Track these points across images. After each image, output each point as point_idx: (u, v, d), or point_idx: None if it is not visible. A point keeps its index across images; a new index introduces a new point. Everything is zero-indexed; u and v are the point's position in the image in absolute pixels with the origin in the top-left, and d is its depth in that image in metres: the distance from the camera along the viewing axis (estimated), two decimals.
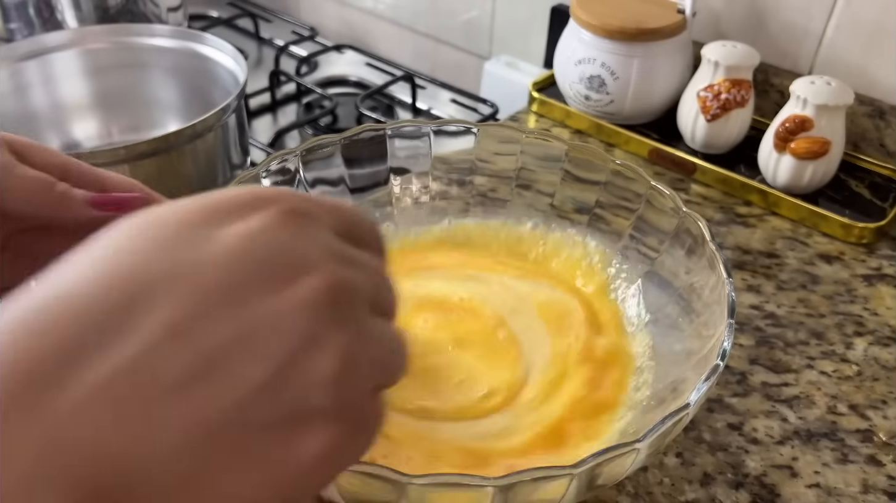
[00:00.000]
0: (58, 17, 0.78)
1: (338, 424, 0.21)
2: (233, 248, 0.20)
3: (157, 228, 0.20)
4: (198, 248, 0.20)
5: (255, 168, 0.49)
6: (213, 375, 0.19)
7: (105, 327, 0.18)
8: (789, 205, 0.64)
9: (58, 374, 0.17)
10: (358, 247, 0.24)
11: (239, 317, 0.19)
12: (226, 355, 0.19)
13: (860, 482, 0.44)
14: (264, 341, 0.19)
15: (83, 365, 0.18)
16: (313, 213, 0.22)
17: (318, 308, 0.20)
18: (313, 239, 0.21)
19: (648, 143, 0.70)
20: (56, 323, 0.18)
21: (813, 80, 0.62)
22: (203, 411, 0.18)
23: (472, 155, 0.54)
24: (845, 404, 0.49)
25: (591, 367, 0.44)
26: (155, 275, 0.19)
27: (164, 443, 0.18)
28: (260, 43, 1.03)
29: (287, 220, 0.21)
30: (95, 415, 0.17)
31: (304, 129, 0.84)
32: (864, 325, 0.54)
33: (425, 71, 0.95)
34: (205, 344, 0.19)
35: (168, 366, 0.18)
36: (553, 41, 0.77)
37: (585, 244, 0.52)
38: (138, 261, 0.19)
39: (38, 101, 0.68)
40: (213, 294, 0.19)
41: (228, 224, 0.21)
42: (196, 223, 0.20)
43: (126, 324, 0.18)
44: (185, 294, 0.19)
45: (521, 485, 0.31)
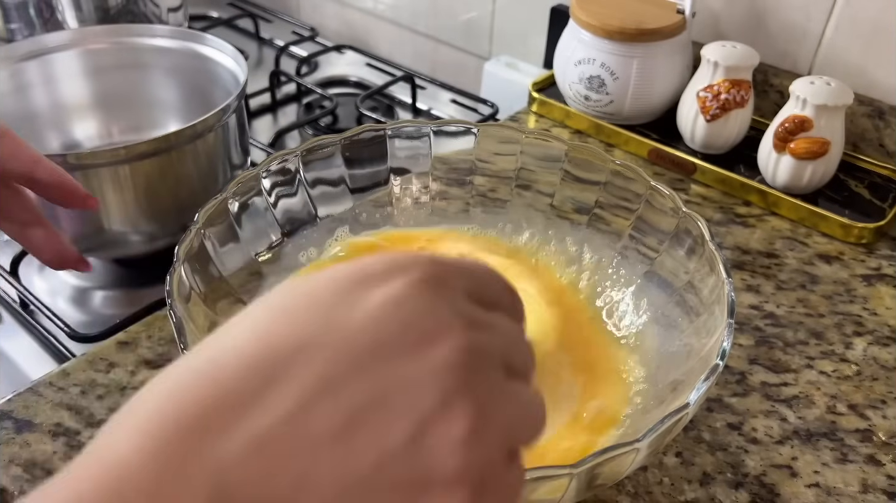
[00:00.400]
0: (58, 18, 0.78)
1: (467, 487, 0.21)
2: (376, 313, 0.21)
3: (311, 293, 0.22)
4: (346, 312, 0.21)
5: (256, 168, 0.49)
6: (356, 432, 0.20)
7: (265, 381, 0.20)
8: (789, 205, 0.64)
9: (222, 423, 0.19)
10: (492, 309, 0.24)
11: (381, 378, 0.21)
12: (368, 414, 0.20)
13: (859, 482, 0.44)
14: (403, 402, 0.21)
15: (245, 415, 0.19)
16: (448, 278, 0.23)
17: (453, 371, 0.21)
18: (448, 304, 0.23)
19: (648, 144, 0.70)
20: (221, 375, 0.20)
21: (812, 81, 0.62)
22: (345, 466, 0.20)
23: (472, 155, 0.54)
24: (845, 404, 0.49)
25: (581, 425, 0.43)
26: (309, 336, 0.21)
27: (313, 494, 0.19)
28: (260, 43, 1.03)
29: (424, 286, 0.22)
30: (257, 463, 0.19)
31: (304, 129, 0.84)
32: (863, 325, 0.54)
33: (425, 71, 0.95)
34: (350, 402, 0.20)
35: (318, 420, 0.20)
36: (553, 41, 0.77)
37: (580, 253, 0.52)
38: (295, 322, 0.21)
39: (39, 101, 0.68)
40: (359, 355, 0.21)
41: (373, 289, 0.22)
42: (344, 289, 0.22)
43: (283, 379, 0.20)
44: (334, 353, 0.21)
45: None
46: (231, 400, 0.20)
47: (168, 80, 0.71)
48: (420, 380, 0.21)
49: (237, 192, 0.48)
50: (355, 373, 0.20)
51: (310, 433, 0.20)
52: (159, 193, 0.58)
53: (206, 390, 0.20)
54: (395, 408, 0.20)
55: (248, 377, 0.20)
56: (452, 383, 0.21)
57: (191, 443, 0.19)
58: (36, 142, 0.68)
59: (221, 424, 0.19)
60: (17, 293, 0.62)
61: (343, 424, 0.20)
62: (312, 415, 0.20)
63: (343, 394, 0.20)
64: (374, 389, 0.20)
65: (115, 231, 0.58)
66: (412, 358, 0.21)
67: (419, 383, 0.21)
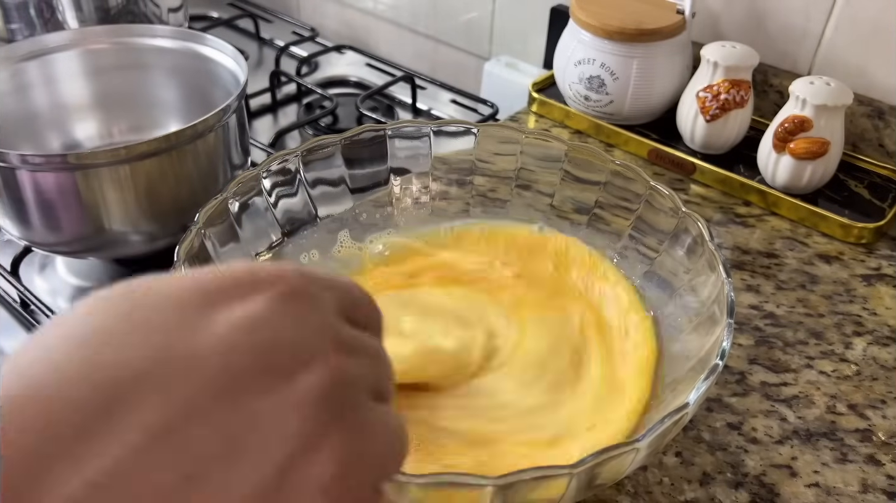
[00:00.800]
0: (59, 18, 0.78)
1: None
2: (229, 337, 0.18)
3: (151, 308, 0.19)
4: (193, 335, 0.18)
5: (256, 168, 0.49)
6: (204, 481, 0.17)
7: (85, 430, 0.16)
8: (788, 205, 0.64)
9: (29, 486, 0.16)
10: (357, 325, 0.22)
11: (234, 418, 0.18)
12: (219, 460, 0.17)
13: (859, 481, 0.44)
14: (260, 444, 0.18)
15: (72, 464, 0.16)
16: (314, 294, 0.21)
17: (317, 406, 0.19)
18: (313, 326, 0.20)
19: (648, 144, 0.70)
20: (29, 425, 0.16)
21: (812, 81, 0.62)
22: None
23: (471, 155, 0.54)
24: (844, 404, 0.49)
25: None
26: (147, 367, 0.17)
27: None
28: (260, 43, 1.03)
29: (287, 303, 0.20)
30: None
31: (304, 129, 0.84)
32: (863, 325, 0.54)
33: (425, 71, 0.95)
34: (197, 448, 0.17)
35: (156, 473, 0.17)
36: (553, 42, 0.77)
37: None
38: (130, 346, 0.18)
39: (39, 101, 0.68)
40: (207, 391, 0.18)
41: (226, 307, 0.19)
42: (191, 306, 0.19)
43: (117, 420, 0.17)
44: (176, 390, 0.17)
45: (520, 484, 0.31)
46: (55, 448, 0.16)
47: (168, 81, 0.71)
48: (279, 419, 0.18)
49: (237, 192, 0.48)
50: (202, 414, 0.17)
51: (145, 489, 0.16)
52: (160, 193, 0.58)
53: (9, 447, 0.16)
54: (251, 452, 0.18)
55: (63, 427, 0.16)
56: (317, 420, 0.19)
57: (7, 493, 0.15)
58: (36, 142, 0.69)
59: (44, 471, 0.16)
60: (17, 293, 0.62)
61: (187, 473, 0.17)
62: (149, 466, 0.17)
63: (186, 440, 0.17)
64: (225, 431, 0.17)
65: (115, 231, 0.58)
66: (271, 393, 0.18)
67: (278, 423, 0.18)
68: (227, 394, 0.18)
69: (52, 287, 0.64)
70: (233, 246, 0.48)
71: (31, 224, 0.58)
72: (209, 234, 0.46)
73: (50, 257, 0.67)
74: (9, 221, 0.59)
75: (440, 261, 0.52)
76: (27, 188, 0.55)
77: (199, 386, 0.18)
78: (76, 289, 0.64)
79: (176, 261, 0.42)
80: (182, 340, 0.18)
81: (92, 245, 0.60)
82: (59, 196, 0.56)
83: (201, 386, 0.18)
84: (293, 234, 0.52)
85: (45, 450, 0.16)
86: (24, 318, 0.61)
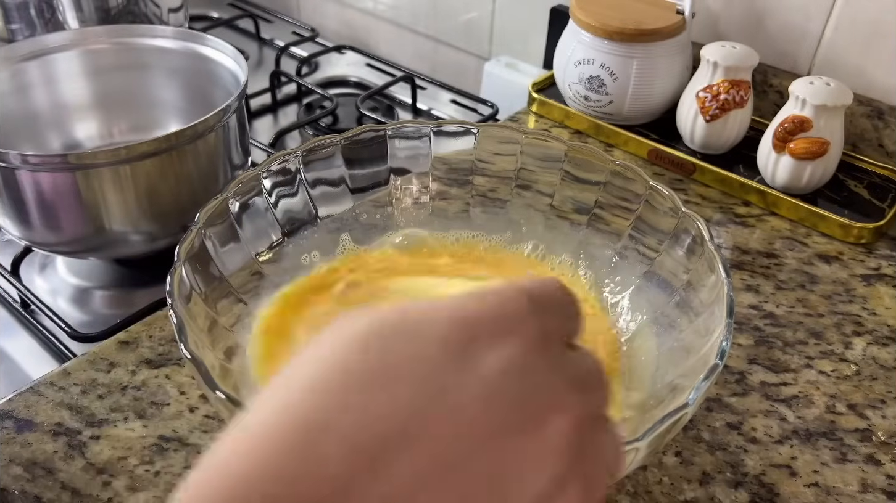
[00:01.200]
0: (59, 18, 0.78)
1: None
2: (491, 383, 0.20)
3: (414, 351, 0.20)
4: (457, 379, 0.20)
5: (256, 168, 0.49)
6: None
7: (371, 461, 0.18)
8: (788, 205, 0.64)
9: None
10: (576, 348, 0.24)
11: (498, 457, 0.19)
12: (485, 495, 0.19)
13: (859, 481, 0.44)
14: (518, 483, 0.19)
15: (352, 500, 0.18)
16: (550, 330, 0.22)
17: (567, 450, 0.21)
18: (558, 371, 0.22)
19: (648, 144, 0.70)
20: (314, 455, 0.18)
21: (812, 81, 0.62)
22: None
23: (471, 155, 0.54)
24: (844, 404, 0.49)
25: None
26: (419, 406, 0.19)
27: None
28: (261, 44, 1.03)
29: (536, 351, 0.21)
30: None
31: (304, 129, 0.84)
32: (862, 325, 0.54)
33: (425, 72, 0.95)
34: (466, 481, 0.19)
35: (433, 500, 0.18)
36: (553, 42, 0.78)
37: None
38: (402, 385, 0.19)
39: (40, 101, 0.68)
40: (476, 432, 0.19)
41: (484, 353, 0.20)
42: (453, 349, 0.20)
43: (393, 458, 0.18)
44: (450, 430, 0.19)
45: None
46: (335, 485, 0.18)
47: (169, 81, 0.71)
48: (536, 459, 0.20)
49: (238, 192, 0.48)
50: (471, 452, 0.19)
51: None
52: (160, 193, 0.58)
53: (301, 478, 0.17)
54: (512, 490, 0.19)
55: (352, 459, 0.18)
56: (567, 461, 0.20)
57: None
58: (37, 142, 0.69)
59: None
60: (17, 293, 0.62)
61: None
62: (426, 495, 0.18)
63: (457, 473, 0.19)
64: (490, 470, 0.19)
65: (115, 231, 0.58)
66: (528, 436, 0.20)
67: (535, 462, 0.20)
68: (493, 436, 0.19)
69: (52, 287, 0.65)
70: (233, 246, 0.48)
71: (32, 224, 0.58)
72: (209, 233, 0.46)
73: (50, 257, 0.67)
74: (9, 221, 0.59)
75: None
76: (27, 188, 0.55)
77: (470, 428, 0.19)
78: (76, 290, 0.65)
79: (176, 261, 0.42)
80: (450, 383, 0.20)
81: (92, 245, 0.60)
82: (60, 196, 0.56)
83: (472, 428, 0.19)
84: (293, 233, 0.52)
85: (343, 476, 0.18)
86: (24, 318, 0.62)
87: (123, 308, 0.62)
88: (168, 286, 0.40)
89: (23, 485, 0.42)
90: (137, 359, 0.50)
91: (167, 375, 0.49)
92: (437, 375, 0.20)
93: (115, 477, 0.43)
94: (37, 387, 0.48)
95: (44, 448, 0.44)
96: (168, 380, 0.48)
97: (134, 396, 0.47)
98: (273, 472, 0.17)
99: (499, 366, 0.20)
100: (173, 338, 0.51)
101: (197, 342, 0.39)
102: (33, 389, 0.48)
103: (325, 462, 0.18)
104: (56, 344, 0.58)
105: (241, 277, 0.48)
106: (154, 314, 0.53)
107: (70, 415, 0.46)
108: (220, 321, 0.45)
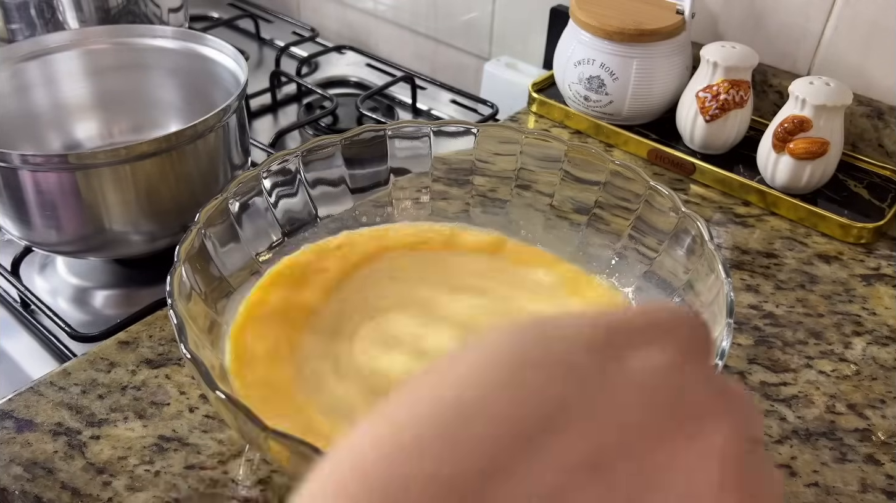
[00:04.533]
0: (59, 18, 0.78)
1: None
2: (643, 384, 0.19)
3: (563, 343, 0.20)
4: (607, 377, 0.19)
5: (256, 168, 0.49)
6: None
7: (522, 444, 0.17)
8: (788, 205, 0.64)
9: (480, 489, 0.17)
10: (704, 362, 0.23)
11: (653, 459, 0.18)
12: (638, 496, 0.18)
13: (858, 481, 0.44)
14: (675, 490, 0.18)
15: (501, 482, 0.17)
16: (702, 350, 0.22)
17: (730, 460, 0.20)
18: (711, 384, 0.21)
19: (647, 144, 0.70)
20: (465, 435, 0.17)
21: (811, 81, 0.62)
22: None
23: (471, 155, 0.54)
24: (844, 404, 0.49)
25: None
26: (570, 396, 0.18)
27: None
28: (261, 44, 1.03)
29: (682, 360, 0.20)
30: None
31: (304, 129, 0.84)
32: (862, 325, 0.54)
33: (425, 72, 0.95)
34: (619, 481, 0.18)
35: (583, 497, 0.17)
36: (552, 42, 0.78)
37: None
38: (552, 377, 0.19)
39: (40, 101, 0.68)
40: (629, 431, 0.18)
41: (631, 354, 0.20)
42: (601, 347, 0.20)
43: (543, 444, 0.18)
44: (602, 422, 0.18)
45: None
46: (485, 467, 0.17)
47: (169, 81, 0.71)
48: (693, 467, 0.19)
49: (238, 192, 0.48)
50: (625, 451, 0.18)
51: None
52: (160, 193, 0.58)
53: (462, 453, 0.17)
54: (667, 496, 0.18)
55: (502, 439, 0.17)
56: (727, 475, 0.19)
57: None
58: (37, 142, 0.69)
59: (478, 493, 0.17)
60: (17, 293, 0.62)
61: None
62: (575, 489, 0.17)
63: (610, 472, 0.18)
64: (645, 471, 0.18)
65: (115, 231, 0.58)
66: (684, 441, 0.19)
67: (692, 471, 0.19)
68: (646, 436, 0.19)
69: (52, 287, 0.65)
70: (233, 246, 0.48)
71: (32, 224, 0.58)
72: (209, 233, 0.46)
73: (50, 257, 0.67)
74: (9, 221, 0.59)
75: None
76: (28, 188, 0.55)
77: (622, 424, 0.18)
78: (76, 289, 0.65)
79: (176, 261, 0.42)
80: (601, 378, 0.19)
81: (92, 245, 0.60)
82: (60, 196, 0.56)
83: (624, 425, 0.18)
84: (293, 233, 0.52)
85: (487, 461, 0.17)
86: (24, 318, 0.62)
87: (123, 308, 0.62)
88: (168, 286, 0.40)
89: (23, 485, 0.42)
90: (137, 359, 0.50)
91: (167, 375, 0.49)
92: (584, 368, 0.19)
93: (115, 477, 0.43)
94: (37, 387, 0.48)
95: (44, 448, 0.44)
96: (168, 380, 0.48)
97: (134, 396, 0.47)
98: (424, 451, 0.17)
99: (651, 369, 0.19)
100: (173, 338, 0.51)
101: (197, 342, 0.39)
102: (33, 389, 0.48)
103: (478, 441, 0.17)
104: (56, 344, 0.58)
105: (242, 277, 0.48)
106: (154, 314, 0.53)
107: (70, 415, 0.46)
108: (220, 321, 0.45)
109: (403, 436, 0.17)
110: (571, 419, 0.18)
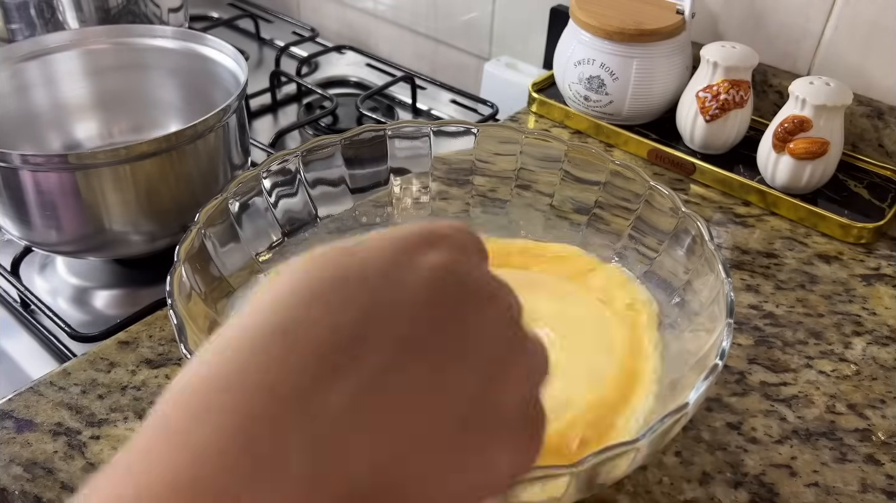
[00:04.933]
0: (59, 18, 0.78)
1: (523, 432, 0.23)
2: (433, 276, 0.22)
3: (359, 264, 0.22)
4: (404, 275, 0.22)
5: (256, 168, 0.49)
6: (443, 383, 0.21)
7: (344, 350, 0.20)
8: (788, 205, 0.64)
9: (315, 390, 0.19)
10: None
11: (459, 330, 0.22)
12: (452, 365, 0.21)
13: (858, 481, 0.44)
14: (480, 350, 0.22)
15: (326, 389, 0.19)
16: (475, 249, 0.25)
17: (512, 325, 0.24)
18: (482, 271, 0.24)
19: (647, 144, 0.70)
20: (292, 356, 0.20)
21: (811, 81, 0.62)
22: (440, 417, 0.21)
23: (471, 155, 0.54)
24: (844, 404, 0.49)
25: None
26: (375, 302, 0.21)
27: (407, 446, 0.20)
28: (261, 44, 1.03)
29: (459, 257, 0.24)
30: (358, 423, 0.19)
31: (304, 129, 0.84)
32: (862, 325, 0.54)
33: (425, 72, 0.95)
34: (433, 356, 0.21)
35: (407, 378, 0.20)
36: (552, 42, 0.78)
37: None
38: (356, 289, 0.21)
39: (40, 101, 0.68)
40: (433, 312, 0.22)
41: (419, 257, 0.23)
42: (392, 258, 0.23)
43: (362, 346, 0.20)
44: (409, 314, 0.21)
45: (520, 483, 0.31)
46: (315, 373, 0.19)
47: (169, 81, 0.71)
48: (487, 333, 0.22)
49: (238, 192, 0.48)
50: (434, 329, 0.21)
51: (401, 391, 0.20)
52: (160, 193, 0.58)
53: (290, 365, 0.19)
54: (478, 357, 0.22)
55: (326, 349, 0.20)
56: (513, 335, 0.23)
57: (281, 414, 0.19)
58: (37, 142, 0.69)
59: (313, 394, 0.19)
60: (17, 293, 0.62)
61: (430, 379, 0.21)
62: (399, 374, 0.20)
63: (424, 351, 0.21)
64: (454, 341, 0.22)
65: (115, 231, 0.58)
66: (480, 312, 0.23)
67: (488, 336, 0.22)
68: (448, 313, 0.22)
69: (52, 287, 0.65)
70: (233, 246, 0.48)
71: (32, 224, 0.58)
72: (209, 233, 0.46)
73: (50, 257, 0.67)
74: (9, 221, 0.59)
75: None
76: (28, 188, 0.55)
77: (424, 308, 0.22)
78: (76, 289, 0.65)
79: (176, 261, 0.42)
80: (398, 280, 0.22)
81: (92, 245, 0.60)
82: (60, 196, 0.56)
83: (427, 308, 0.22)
84: (293, 233, 0.52)
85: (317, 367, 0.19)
86: (24, 318, 0.62)
87: (123, 308, 0.62)
88: (168, 286, 0.40)
89: (23, 485, 0.42)
90: (137, 359, 0.50)
91: (167, 375, 0.49)
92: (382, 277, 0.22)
93: None
94: (37, 387, 0.48)
95: (44, 448, 0.44)
96: (168, 380, 0.48)
97: (134, 396, 0.47)
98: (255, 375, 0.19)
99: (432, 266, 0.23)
100: (173, 338, 0.51)
101: (197, 342, 0.39)
102: (33, 389, 0.48)
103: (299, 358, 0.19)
104: (56, 344, 0.58)
105: (242, 277, 0.48)
106: (154, 314, 0.53)
107: (70, 415, 0.46)
108: (220, 321, 0.45)
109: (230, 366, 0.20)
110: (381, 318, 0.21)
